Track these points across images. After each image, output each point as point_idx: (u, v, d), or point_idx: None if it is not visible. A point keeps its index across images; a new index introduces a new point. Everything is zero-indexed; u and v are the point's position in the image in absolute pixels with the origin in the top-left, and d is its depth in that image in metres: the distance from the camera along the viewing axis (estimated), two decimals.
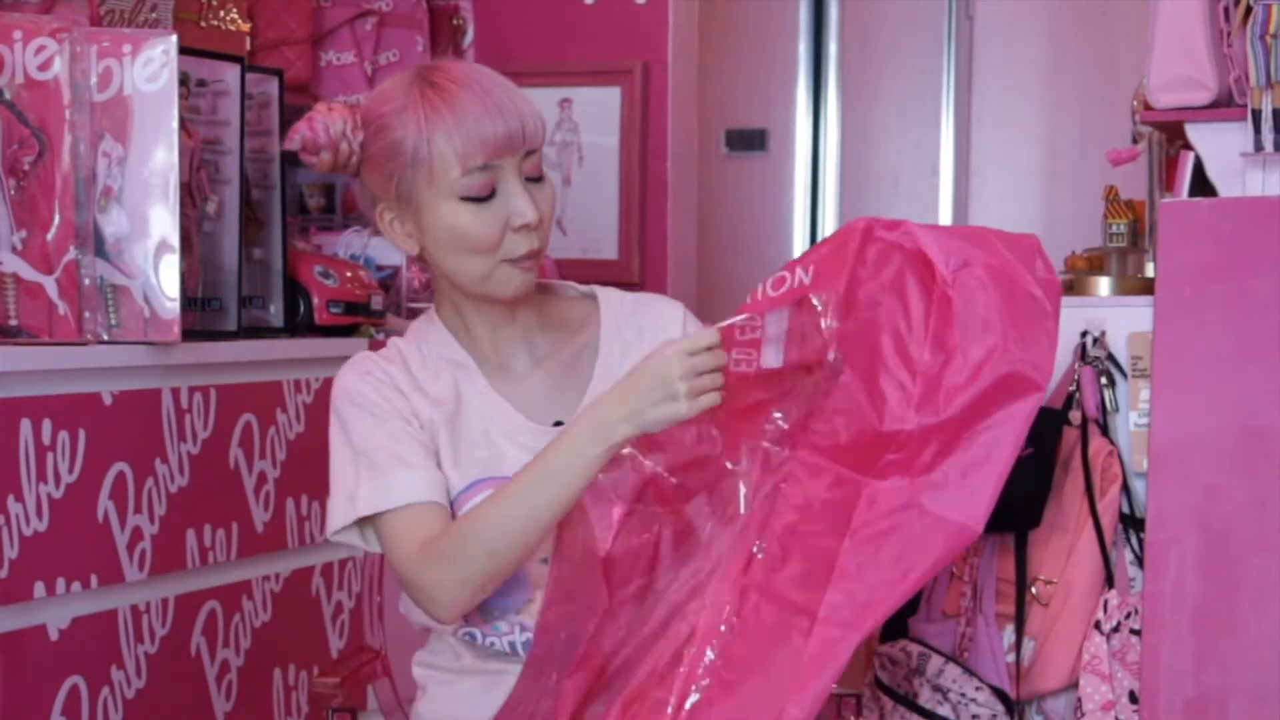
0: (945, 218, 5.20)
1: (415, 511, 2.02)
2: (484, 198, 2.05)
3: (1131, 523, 2.76)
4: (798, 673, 1.87)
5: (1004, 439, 1.91)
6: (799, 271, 1.94)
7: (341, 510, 2.06)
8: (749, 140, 5.26)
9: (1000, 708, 2.70)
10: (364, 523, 2.07)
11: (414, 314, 3.40)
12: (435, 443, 2.08)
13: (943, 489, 1.91)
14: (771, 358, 1.92)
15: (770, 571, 1.91)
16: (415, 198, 2.07)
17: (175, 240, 2.65)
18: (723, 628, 1.89)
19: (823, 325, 1.91)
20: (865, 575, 1.90)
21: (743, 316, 1.92)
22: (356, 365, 2.13)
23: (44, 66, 2.60)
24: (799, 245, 5.17)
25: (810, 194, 5.23)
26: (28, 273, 2.61)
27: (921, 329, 1.92)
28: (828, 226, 5.17)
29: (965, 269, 1.92)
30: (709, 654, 1.88)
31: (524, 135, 2.05)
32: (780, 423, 1.93)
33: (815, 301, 1.91)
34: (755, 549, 1.91)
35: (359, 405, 2.08)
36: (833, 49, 5.24)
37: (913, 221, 1.95)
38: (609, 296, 2.23)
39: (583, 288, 2.26)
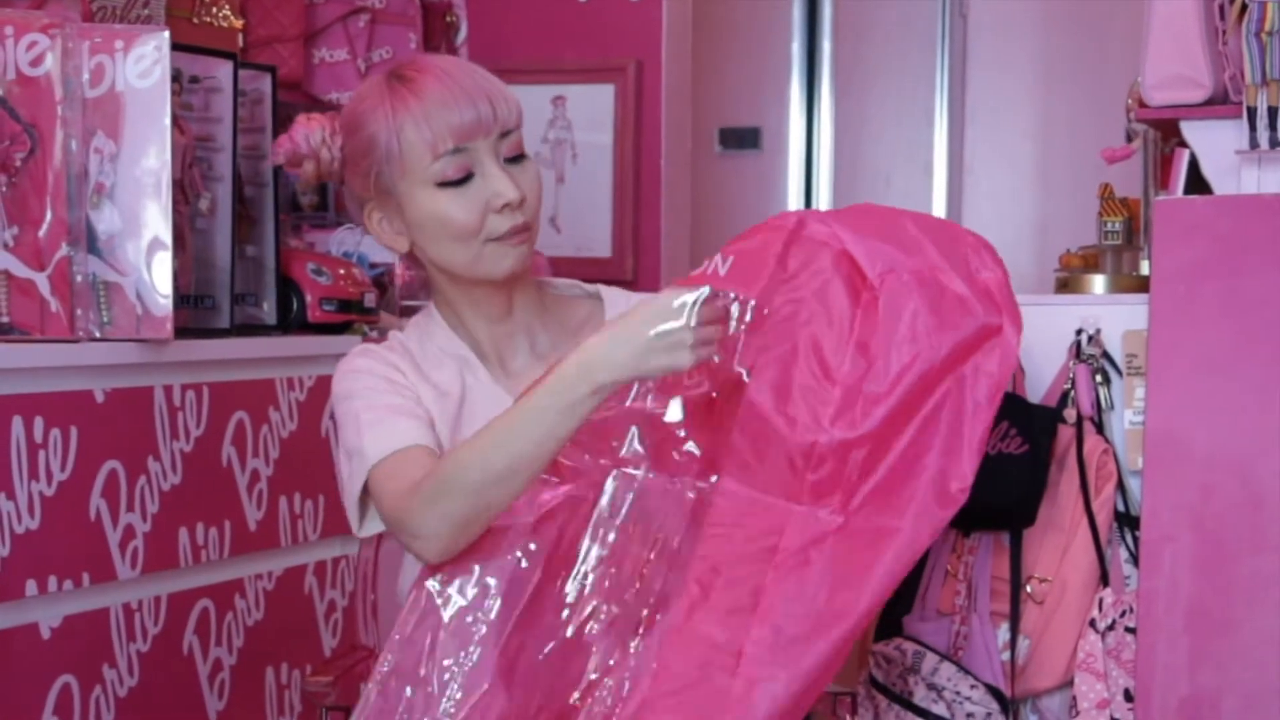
0: (939, 216, 5.20)
1: (408, 455, 1.99)
2: (460, 181, 2.06)
3: (1126, 521, 2.76)
4: (724, 714, 1.82)
5: (930, 438, 1.86)
6: (716, 259, 1.88)
7: (356, 472, 2.03)
8: (742, 138, 5.26)
9: (995, 706, 2.70)
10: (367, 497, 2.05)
11: (407, 312, 3.39)
12: (434, 427, 2.07)
13: (871, 505, 1.85)
14: None
15: (691, 610, 1.86)
16: (395, 191, 2.09)
17: (168, 237, 2.64)
18: (628, 673, 1.85)
19: (731, 329, 1.86)
20: (792, 608, 1.84)
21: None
22: (358, 352, 2.13)
23: (36, 63, 2.59)
24: None
25: (804, 192, 5.23)
26: (19, 269, 2.60)
27: (845, 333, 1.86)
28: None
29: (891, 274, 1.87)
30: (631, 700, 1.84)
31: (495, 117, 2.06)
32: (693, 450, 1.88)
33: (729, 301, 1.86)
34: (662, 584, 1.86)
35: (363, 377, 2.08)
36: (826, 47, 5.24)
37: (841, 224, 1.89)
38: (613, 295, 2.23)
39: (588, 286, 2.26)
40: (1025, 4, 5.16)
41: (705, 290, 1.83)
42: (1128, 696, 2.67)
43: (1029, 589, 2.75)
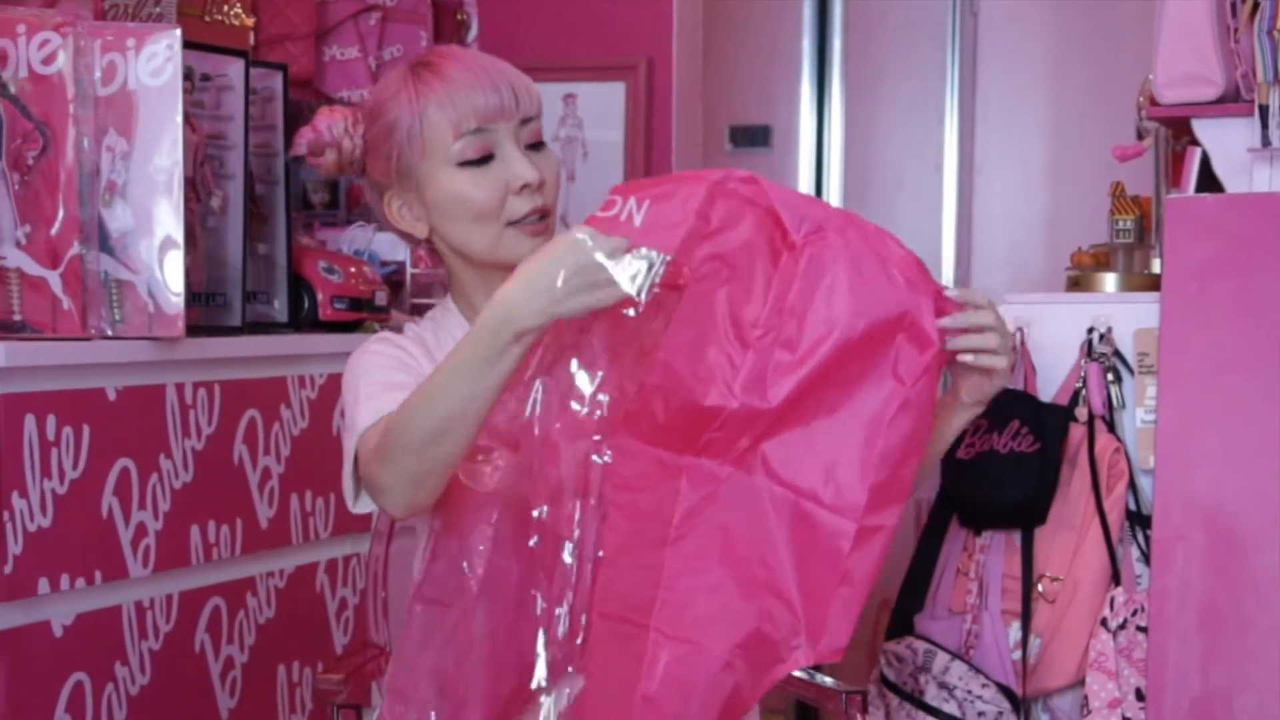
0: (949, 214, 5.20)
1: (383, 420, 1.99)
2: (481, 161, 2.08)
3: (1138, 519, 2.76)
4: (636, 686, 1.82)
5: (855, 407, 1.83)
6: (630, 204, 1.83)
7: (348, 445, 2.04)
8: (753, 136, 5.26)
9: (1006, 705, 2.70)
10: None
11: (418, 310, 3.39)
12: None
13: (769, 461, 1.84)
14: None
15: (607, 588, 1.85)
16: (415, 173, 2.10)
17: (179, 235, 2.64)
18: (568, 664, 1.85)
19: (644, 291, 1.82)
20: (684, 580, 1.84)
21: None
22: (375, 338, 2.13)
23: (48, 61, 2.59)
24: None
25: (814, 191, 5.23)
26: (32, 267, 2.60)
27: (761, 295, 1.83)
28: None
29: (817, 234, 1.83)
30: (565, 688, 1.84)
31: (517, 103, 2.08)
32: (604, 408, 1.84)
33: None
34: (587, 565, 1.85)
35: (373, 357, 2.09)
36: (837, 45, 5.24)
37: (766, 180, 1.86)
38: None
39: None
40: (1036, 1, 5.16)
41: (625, 242, 1.81)
42: (1139, 695, 2.67)
43: (1040, 588, 2.75)
